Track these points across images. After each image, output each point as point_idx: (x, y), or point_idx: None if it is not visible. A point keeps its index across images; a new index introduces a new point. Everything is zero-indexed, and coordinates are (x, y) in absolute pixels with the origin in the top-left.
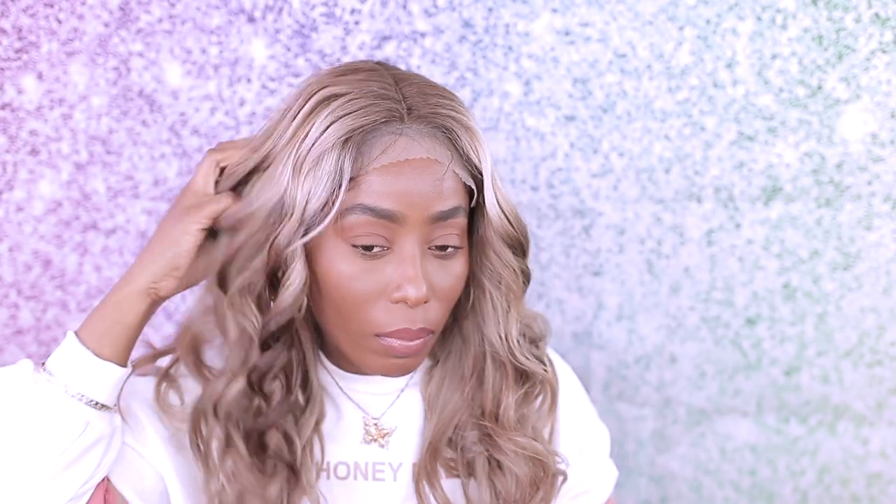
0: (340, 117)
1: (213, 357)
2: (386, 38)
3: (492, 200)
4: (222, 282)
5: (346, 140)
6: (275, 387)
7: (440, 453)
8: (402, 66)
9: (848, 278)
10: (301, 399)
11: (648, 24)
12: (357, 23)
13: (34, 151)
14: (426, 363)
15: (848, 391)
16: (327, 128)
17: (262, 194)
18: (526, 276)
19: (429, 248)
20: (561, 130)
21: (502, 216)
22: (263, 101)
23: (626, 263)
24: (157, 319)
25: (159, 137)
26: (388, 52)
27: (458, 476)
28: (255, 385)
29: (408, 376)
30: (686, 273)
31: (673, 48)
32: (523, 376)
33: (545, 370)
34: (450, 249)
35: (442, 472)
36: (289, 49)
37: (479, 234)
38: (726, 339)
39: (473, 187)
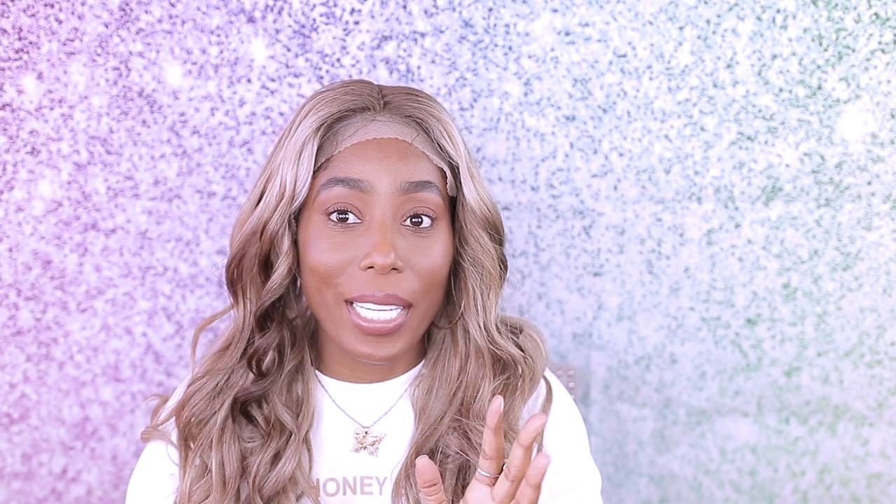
0: (319, 109)
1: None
2: (386, 38)
3: (468, 184)
4: (231, 268)
5: (322, 125)
6: (270, 362)
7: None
8: (402, 67)
9: (848, 278)
10: (297, 390)
11: (648, 24)
12: (357, 23)
13: (34, 151)
14: (416, 370)
15: (848, 391)
16: (308, 119)
17: (259, 187)
18: (503, 264)
19: (403, 224)
20: (561, 130)
21: (479, 200)
22: (263, 101)
23: (626, 264)
24: (157, 320)
25: (159, 137)
26: (388, 52)
27: None
28: (254, 363)
29: (402, 386)
30: (686, 273)
31: (673, 48)
32: (502, 364)
33: (523, 354)
34: (425, 221)
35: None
36: (289, 49)
37: (458, 223)
38: (726, 339)
39: (447, 172)
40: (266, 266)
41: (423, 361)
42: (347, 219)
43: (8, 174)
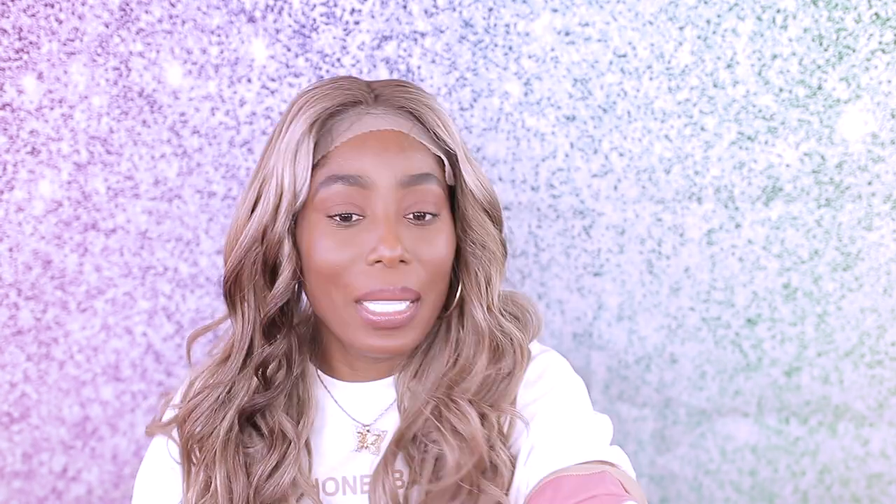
0: (311, 106)
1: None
2: (386, 38)
3: (468, 170)
4: (230, 280)
5: (315, 122)
6: (278, 372)
7: (403, 446)
8: (402, 67)
9: (848, 278)
10: (298, 393)
11: (648, 24)
12: (357, 23)
13: (34, 151)
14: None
15: (848, 391)
16: (300, 118)
17: (253, 194)
18: (504, 248)
19: (405, 217)
20: (561, 130)
21: (479, 185)
22: (263, 101)
23: (626, 264)
24: (157, 319)
25: (159, 137)
26: (388, 52)
27: (402, 486)
28: (260, 374)
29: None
30: (686, 273)
31: (673, 48)
32: (500, 350)
33: (522, 337)
34: (427, 217)
35: (397, 474)
36: (289, 49)
37: (459, 210)
38: (727, 339)
39: (445, 160)
40: (268, 272)
41: (418, 352)
42: (351, 218)
43: (8, 174)
